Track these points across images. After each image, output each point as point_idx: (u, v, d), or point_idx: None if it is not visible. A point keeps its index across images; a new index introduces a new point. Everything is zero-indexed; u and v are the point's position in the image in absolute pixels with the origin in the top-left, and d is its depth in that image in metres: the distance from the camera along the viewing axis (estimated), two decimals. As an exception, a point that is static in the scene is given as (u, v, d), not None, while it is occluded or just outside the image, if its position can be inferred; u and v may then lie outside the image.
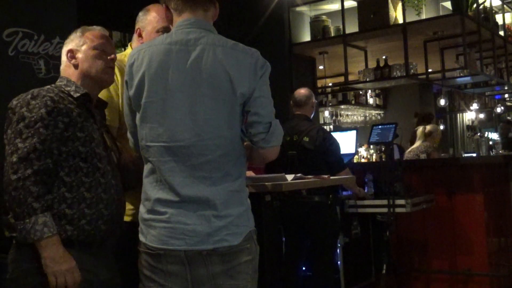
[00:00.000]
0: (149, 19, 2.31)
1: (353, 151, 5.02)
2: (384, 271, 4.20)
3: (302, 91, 4.00)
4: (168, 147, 1.70)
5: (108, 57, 2.00)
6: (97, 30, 2.04)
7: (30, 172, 1.71)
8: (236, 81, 1.68)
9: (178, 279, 1.73)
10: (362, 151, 6.96)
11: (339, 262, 3.95)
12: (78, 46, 1.99)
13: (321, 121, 7.91)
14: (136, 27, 2.35)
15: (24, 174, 1.71)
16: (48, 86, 1.90)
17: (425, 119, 6.12)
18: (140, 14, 2.35)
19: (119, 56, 2.36)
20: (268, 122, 1.73)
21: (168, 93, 1.70)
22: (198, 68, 1.70)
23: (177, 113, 1.70)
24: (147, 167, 1.79)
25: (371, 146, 6.49)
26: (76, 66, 1.98)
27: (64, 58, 2.00)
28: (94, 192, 1.84)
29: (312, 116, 4.05)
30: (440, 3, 6.74)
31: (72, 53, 1.99)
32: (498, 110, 9.19)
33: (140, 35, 2.32)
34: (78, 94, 1.91)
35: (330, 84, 7.01)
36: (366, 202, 4.03)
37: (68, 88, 1.93)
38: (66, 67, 2.01)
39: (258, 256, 1.82)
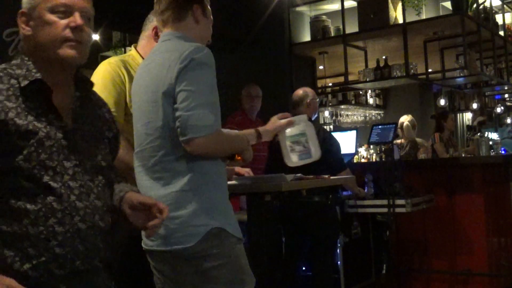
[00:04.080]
0: None
1: (353, 151, 5.02)
2: (384, 271, 4.20)
3: (298, 92, 4.00)
4: (136, 154, 1.86)
5: (71, 24, 1.38)
6: None
7: None
8: (160, 82, 1.75)
9: (165, 276, 1.82)
10: (362, 151, 6.96)
11: (339, 262, 3.95)
12: (31, 6, 1.41)
13: (321, 121, 7.91)
14: (152, 25, 2.32)
15: None
16: None
17: (441, 116, 6.20)
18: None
19: (124, 57, 2.36)
20: (179, 115, 1.70)
21: (134, 105, 1.91)
22: (147, 76, 1.83)
23: (138, 123, 1.86)
24: None
25: (371, 146, 6.49)
26: (29, 38, 1.41)
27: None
28: (43, 223, 1.31)
29: (314, 117, 4.03)
30: (440, 3, 6.74)
31: (25, 17, 1.42)
32: (498, 110, 9.19)
33: (157, 34, 2.28)
34: (26, 82, 1.35)
35: (330, 84, 7.01)
36: (366, 202, 4.03)
37: (19, 71, 1.38)
38: (22, 38, 1.46)
39: (237, 259, 1.77)
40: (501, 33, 6.53)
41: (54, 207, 1.32)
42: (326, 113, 8.01)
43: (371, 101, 8.33)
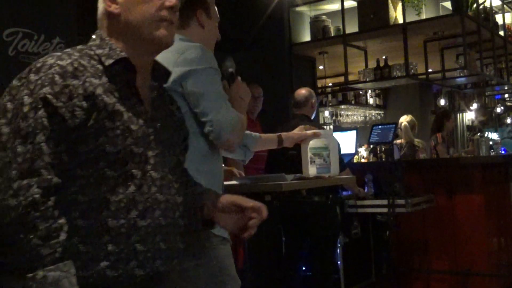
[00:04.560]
0: None
1: (353, 151, 5.02)
2: (384, 271, 4.20)
3: (302, 91, 4.00)
4: None
5: (167, 3, 1.28)
6: None
7: (36, 194, 1.08)
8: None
9: None
10: (362, 151, 6.96)
11: (339, 262, 3.95)
12: None
13: (321, 121, 7.91)
14: None
15: (25, 198, 1.07)
16: (69, 49, 1.27)
17: (445, 115, 6.21)
18: None
19: None
20: (207, 120, 1.81)
21: None
22: None
23: None
24: None
25: (371, 146, 6.50)
26: (115, 16, 1.28)
27: (100, 2, 1.32)
28: (125, 216, 1.18)
29: (313, 116, 4.05)
30: (440, 3, 6.73)
31: None
32: (498, 110, 9.19)
33: None
34: (110, 61, 1.24)
35: (330, 84, 7.01)
36: (366, 202, 4.03)
37: (100, 51, 1.25)
38: (102, 17, 1.31)
39: (219, 260, 1.74)
40: (501, 33, 6.53)
41: (135, 198, 1.19)
42: (326, 113, 8.01)
43: (371, 101, 8.33)
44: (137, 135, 1.22)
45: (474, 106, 8.41)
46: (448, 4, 6.07)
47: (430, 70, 5.95)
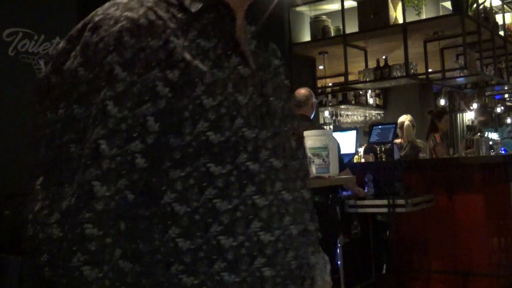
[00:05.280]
0: None
1: (353, 151, 5.02)
2: (384, 271, 4.20)
3: (302, 91, 4.00)
4: None
5: None
6: None
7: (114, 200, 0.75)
8: None
9: None
10: (362, 151, 6.96)
11: (339, 262, 3.95)
12: None
13: (321, 121, 7.91)
14: None
15: (85, 211, 0.73)
16: None
17: (436, 115, 6.22)
18: None
19: None
20: None
21: None
22: None
23: None
24: None
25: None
26: None
27: None
28: (243, 231, 0.82)
29: (312, 116, 4.05)
30: (440, 3, 6.74)
31: None
32: (498, 110, 9.19)
33: None
34: (198, 5, 0.85)
35: (330, 84, 7.01)
36: (366, 202, 4.03)
37: None
38: None
39: None
40: (501, 33, 6.53)
41: (255, 202, 0.82)
42: (326, 113, 8.01)
43: (371, 101, 8.33)
44: (248, 111, 0.84)
45: (474, 106, 8.40)
46: (448, 4, 6.08)
47: (430, 70, 5.95)
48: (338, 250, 3.94)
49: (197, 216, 0.80)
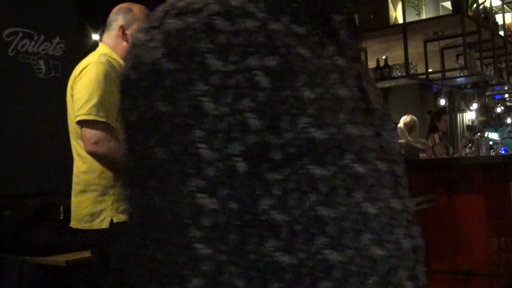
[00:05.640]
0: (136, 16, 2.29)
1: (353, 151, 5.02)
2: (384, 271, 4.18)
3: None
4: None
5: None
6: None
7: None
8: None
9: None
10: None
11: (339, 262, 3.95)
12: None
13: (321, 121, 7.91)
14: (118, 24, 2.28)
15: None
16: None
17: (435, 115, 6.23)
18: (123, 11, 2.30)
19: (106, 57, 2.24)
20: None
21: None
22: None
23: None
24: None
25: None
26: None
27: None
28: (351, 243, 0.65)
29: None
30: (440, 3, 6.74)
31: None
32: (498, 110, 9.20)
33: (124, 33, 2.28)
34: None
35: (330, 84, 7.01)
36: (366, 202, 4.03)
37: None
38: None
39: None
40: (501, 33, 6.53)
41: (366, 211, 0.71)
42: (326, 113, 8.01)
43: (371, 101, 8.33)
44: (350, 106, 0.72)
45: (474, 106, 8.41)
46: (448, 4, 6.08)
47: (430, 70, 5.95)
48: (338, 250, 3.94)
49: (299, 227, 0.65)
